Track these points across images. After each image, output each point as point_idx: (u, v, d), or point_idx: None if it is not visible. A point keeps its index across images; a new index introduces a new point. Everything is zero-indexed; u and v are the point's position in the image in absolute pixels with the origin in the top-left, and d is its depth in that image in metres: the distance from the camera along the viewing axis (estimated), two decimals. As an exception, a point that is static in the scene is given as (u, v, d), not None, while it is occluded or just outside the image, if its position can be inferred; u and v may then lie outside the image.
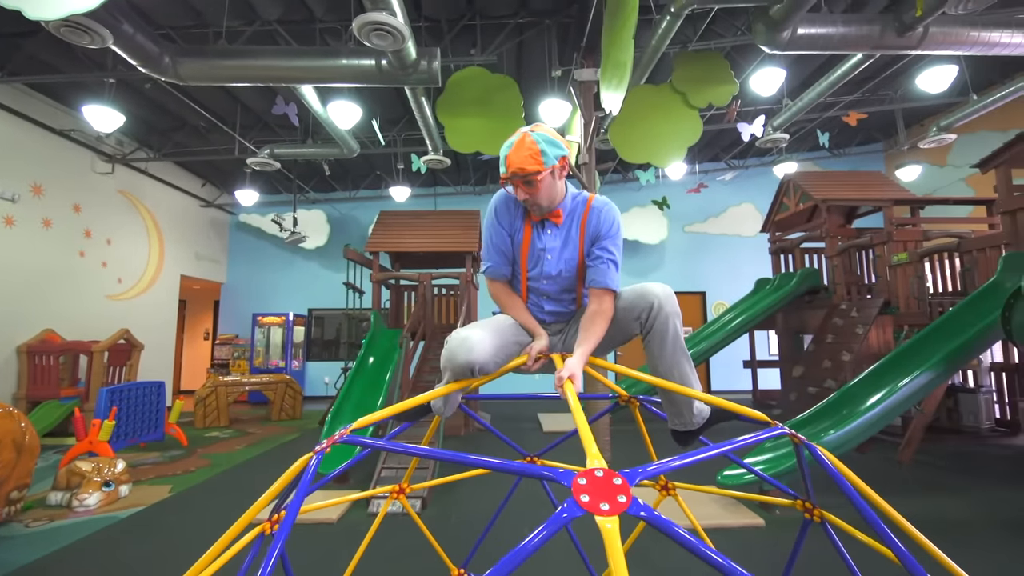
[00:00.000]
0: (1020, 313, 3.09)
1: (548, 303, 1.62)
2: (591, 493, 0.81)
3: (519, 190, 1.47)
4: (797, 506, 1.86)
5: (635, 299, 1.42)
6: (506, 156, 1.45)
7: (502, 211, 1.61)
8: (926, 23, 4.52)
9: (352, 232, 10.76)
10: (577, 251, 1.56)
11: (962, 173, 9.00)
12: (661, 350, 1.40)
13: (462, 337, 1.40)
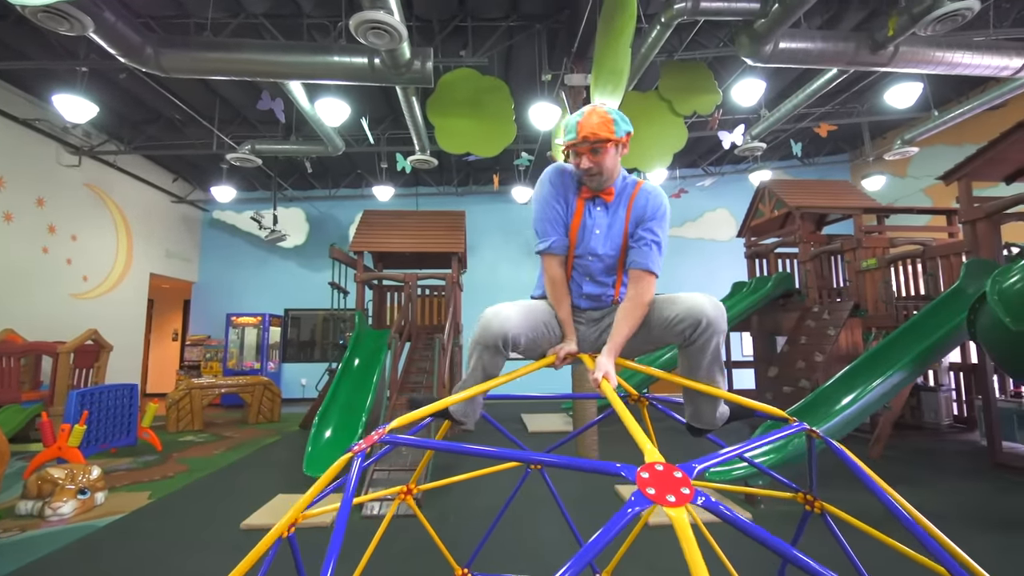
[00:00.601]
0: (984, 316, 3.31)
1: (588, 284, 1.59)
2: (656, 486, 0.85)
3: (584, 158, 1.46)
4: (798, 498, 1.95)
5: (684, 313, 1.37)
6: (577, 122, 1.46)
7: (557, 183, 1.59)
8: (897, 42, 4.79)
9: (331, 231, 10.58)
10: (622, 232, 1.55)
11: (921, 184, 9.50)
12: (699, 362, 1.43)
13: (495, 310, 1.43)
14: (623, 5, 3.51)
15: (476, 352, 1.47)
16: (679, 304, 1.39)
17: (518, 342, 1.45)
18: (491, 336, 1.41)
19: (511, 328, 1.42)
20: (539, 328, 1.54)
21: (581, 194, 1.58)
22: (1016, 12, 5.75)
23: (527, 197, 9.03)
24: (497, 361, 1.49)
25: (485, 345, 1.43)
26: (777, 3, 4.23)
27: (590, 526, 2.26)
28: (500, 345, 1.42)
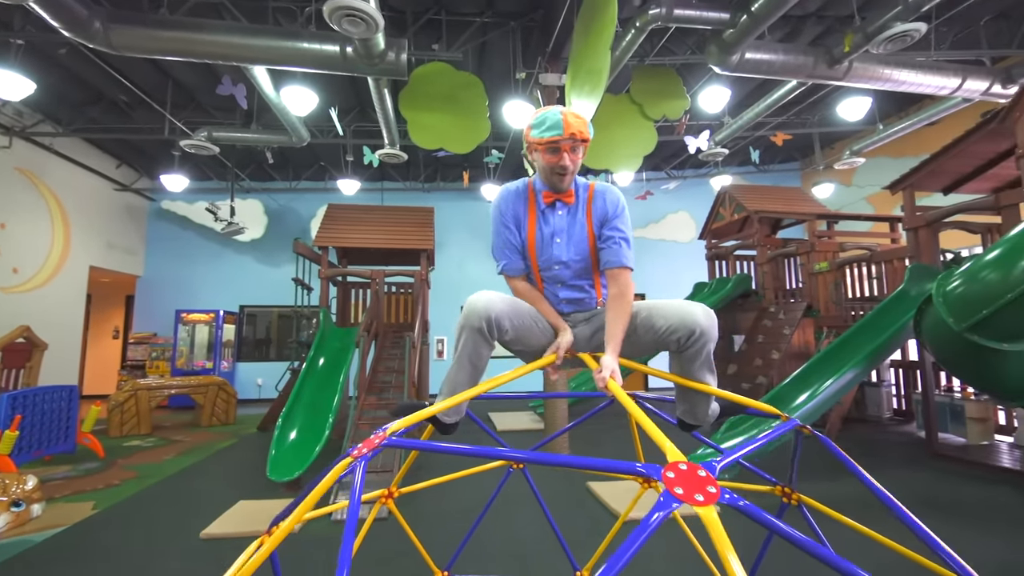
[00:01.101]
0: (930, 318, 3.56)
1: (563, 290, 1.61)
2: (683, 485, 0.86)
3: (566, 155, 1.49)
4: (776, 491, 2.03)
5: (677, 323, 1.39)
6: (561, 119, 1.46)
7: (505, 207, 1.64)
8: (851, 58, 5.08)
9: (292, 225, 10.18)
10: (587, 234, 1.58)
11: (865, 192, 10.13)
12: (691, 366, 1.46)
13: (480, 293, 1.44)
14: (604, 6, 3.54)
15: (461, 338, 1.45)
16: (672, 315, 1.41)
17: (503, 326, 1.44)
18: (475, 317, 1.40)
19: (495, 310, 1.41)
20: (525, 318, 1.54)
21: (537, 205, 1.60)
22: (953, 36, 6.21)
23: (496, 195, 9.01)
24: (482, 350, 1.47)
25: (470, 327, 1.41)
26: (745, 15, 4.39)
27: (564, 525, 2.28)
28: (484, 328, 1.40)
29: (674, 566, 2.73)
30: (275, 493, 3.93)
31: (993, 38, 6.32)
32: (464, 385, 1.50)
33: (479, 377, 1.53)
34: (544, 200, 1.60)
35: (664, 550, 2.88)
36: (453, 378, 1.50)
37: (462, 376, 1.49)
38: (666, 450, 0.96)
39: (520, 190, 1.66)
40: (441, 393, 1.55)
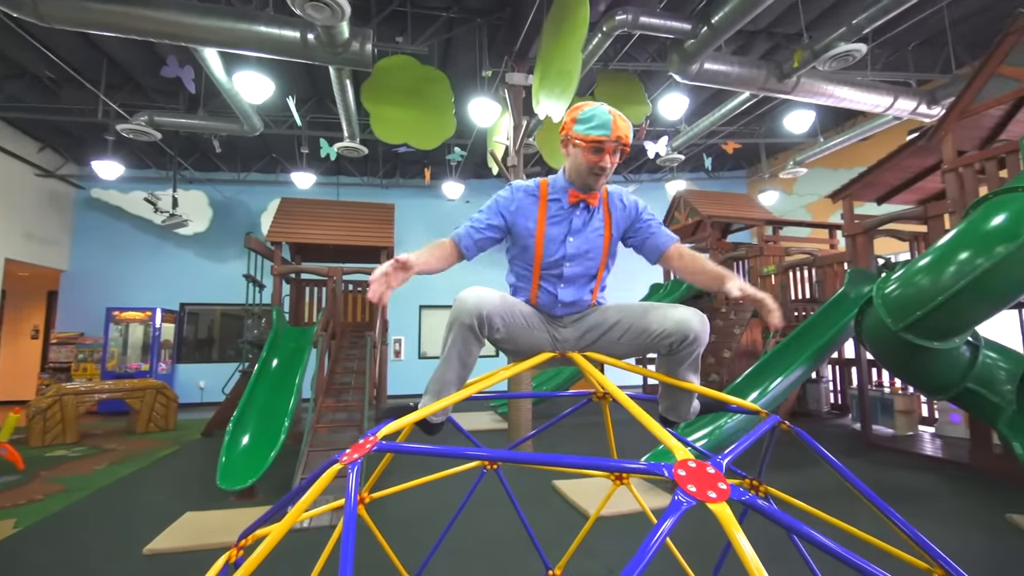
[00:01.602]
0: (870, 318, 3.83)
1: (564, 289, 1.58)
2: (695, 483, 0.86)
3: (604, 156, 1.47)
4: (745, 484, 2.11)
5: (672, 327, 1.41)
6: (612, 120, 1.44)
7: (511, 197, 1.61)
8: (799, 74, 5.39)
9: (240, 218, 9.65)
10: (603, 236, 1.60)
11: (804, 200, 10.80)
12: (679, 368, 1.48)
13: (471, 289, 1.42)
14: (575, 8, 3.58)
15: (451, 334, 1.42)
16: (668, 319, 1.42)
17: (494, 323, 1.42)
18: (467, 313, 1.37)
19: (487, 306, 1.39)
20: (517, 316, 1.51)
21: (551, 203, 1.59)
22: (886, 57, 6.73)
23: (458, 193, 8.91)
24: (472, 348, 1.44)
25: (460, 324, 1.38)
26: (706, 26, 4.57)
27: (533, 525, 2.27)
28: (476, 324, 1.38)
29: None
30: (225, 503, 3.71)
31: (919, 62, 6.90)
32: (452, 384, 1.46)
33: (468, 376, 1.49)
34: (569, 200, 1.57)
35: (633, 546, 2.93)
36: (441, 376, 1.45)
37: (451, 374, 1.45)
38: (672, 448, 0.97)
39: (532, 189, 1.63)
40: (428, 392, 1.50)
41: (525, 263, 1.63)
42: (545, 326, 1.60)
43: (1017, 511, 3.20)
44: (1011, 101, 4.17)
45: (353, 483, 1.06)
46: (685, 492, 0.85)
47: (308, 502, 1.10)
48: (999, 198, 3.39)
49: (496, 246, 1.68)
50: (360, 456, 1.12)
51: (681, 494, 0.85)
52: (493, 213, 1.63)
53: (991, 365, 3.58)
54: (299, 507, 1.09)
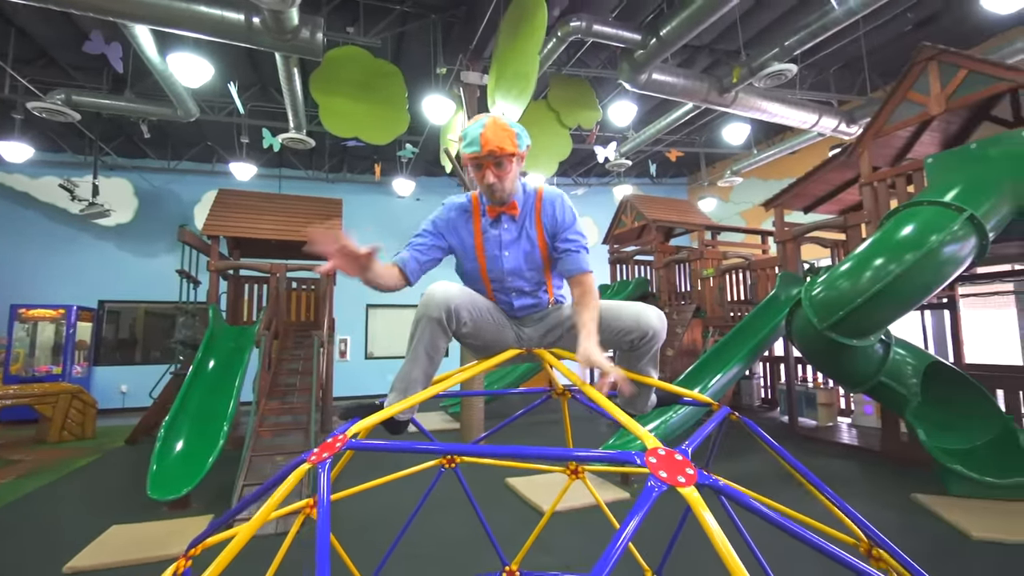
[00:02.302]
0: (798, 319, 4.15)
1: (518, 299, 1.61)
2: (666, 469, 0.92)
3: (488, 172, 1.43)
4: (693, 475, 2.23)
5: (633, 325, 1.46)
6: (480, 135, 1.40)
7: (444, 218, 1.60)
8: (738, 89, 5.75)
9: (169, 209, 8.97)
10: (537, 243, 1.57)
11: (738, 208, 11.51)
12: (638, 362, 1.55)
13: (438, 284, 1.42)
14: (533, 11, 3.63)
15: (419, 329, 1.41)
16: (628, 317, 1.47)
17: (461, 317, 1.43)
18: (435, 307, 1.38)
19: (454, 300, 1.40)
20: (483, 311, 1.53)
21: (482, 220, 1.57)
22: (811, 79, 7.30)
23: (409, 190, 8.76)
24: (439, 342, 1.44)
25: (428, 317, 1.38)
26: (655, 38, 4.77)
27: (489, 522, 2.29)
28: (443, 318, 1.39)
29: (591, 553, 2.86)
30: (157, 514, 3.45)
31: (838, 84, 7.54)
32: (419, 381, 1.45)
33: (435, 371, 1.49)
34: (489, 215, 1.56)
35: (587, 540, 3.01)
36: (408, 374, 1.44)
37: (418, 371, 1.44)
38: (643, 437, 1.02)
39: (464, 205, 1.61)
40: (394, 390, 1.48)
41: (474, 279, 1.63)
42: (510, 323, 1.63)
43: (921, 491, 3.59)
44: (917, 124, 4.66)
45: (325, 482, 1.04)
46: (656, 478, 0.90)
47: (276, 502, 1.07)
48: (908, 211, 3.78)
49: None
50: (330, 455, 1.09)
51: (653, 480, 0.90)
52: (432, 235, 1.61)
53: (900, 361, 3.99)
54: (267, 508, 1.05)
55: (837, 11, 4.38)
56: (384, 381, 9.91)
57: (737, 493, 0.94)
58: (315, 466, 1.09)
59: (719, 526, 0.83)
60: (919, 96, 4.45)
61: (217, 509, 3.51)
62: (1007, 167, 3.76)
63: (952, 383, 4.04)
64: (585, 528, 3.16)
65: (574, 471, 2.65)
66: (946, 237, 3.42)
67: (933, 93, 4.32)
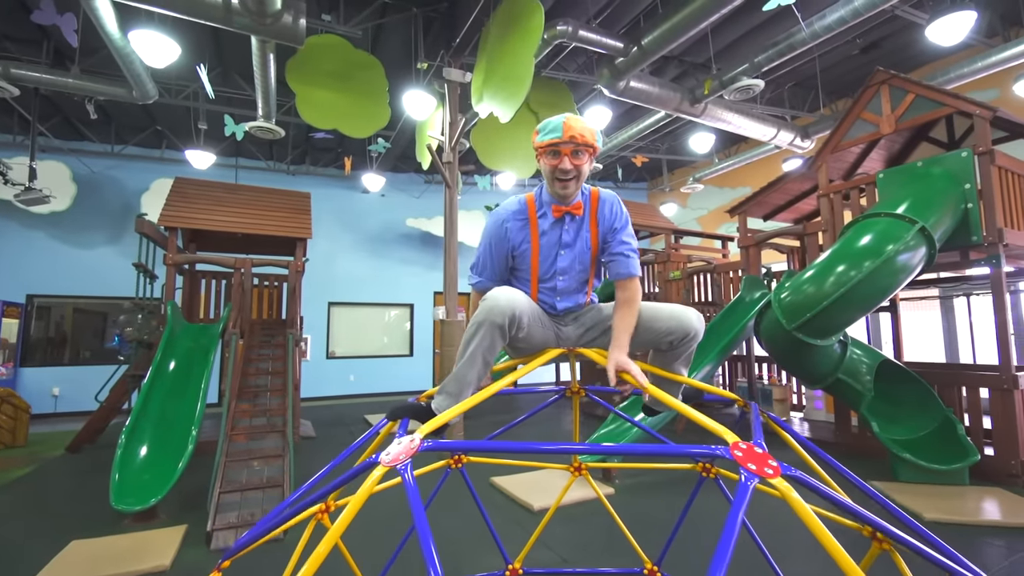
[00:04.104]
0: (767, 320, 4.41)
1: (562, 300, 1.63)
2: (753, 461, 0.97)
3: (566, 158, 1.47)
4: (697, 468, 2.34)
5: (675, 325, 1.51)
6: (563, 123, 1.46)
7: (504, 224, 1.62)
8: (708, 100, 6.02)
9: (112, 198, 8.30)
10: (590, 243, 1.60)
11: (696, 214, 12.03)
12: (674, 362, 1.61)
13: (502, 289, 1.44)
14: (529, 14, 3.65)
15: (480, 333, 1.41)
16: (668, 318, 1.52)
17: (522, 323, 1.46)
18: (499, 313, 1.38)
19: (518, 306, 1.42)
20: (536, 315, 1.57)
21: (540, 218, 1.61)
22: (769, 93, 7.76)
23: (379, 185, 8.55)
24: (496, 346, 1.45)
25: (491, 323, 1.39)
26: (636, 47, 4.92)
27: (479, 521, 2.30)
28: (506, 324, 1.40)
29: (587, 547, 2.92)
30: (118, 527, 3.21)
31: (792, 101, 8.06)
32: (473, 383, 1.45)
33: (486, 373, 1.49)
34: (554, 214, 1.59)
35: (581, 534, 3.07)
36: (463, 376, 1.43)
37: (472, 374, 1.44)
38: (724, 435, 1.07)
39: (520, 207, 1.64)
40: (445, 392, 1.46)
41: (523, 274, 1.65)
42: (551, 324, 1.66)
43: (874, 479, 3.91)
44: (868, 141, 5.06)
45: (412, 485, 1.02)
46: (747, 470, 0.95)
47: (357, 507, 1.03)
48: (866, 221, 4.10)
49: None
50: (408, 458, 1.07)
51: (744, 473, 0.95)
52: (495, 248, 1.64)
53: (856, 359, 4.32)
54: (349, 512, 1.02)
55: (804, 33, 4.69)
56: (346, 382, 9.63)
57: (817, 484, 1.00)
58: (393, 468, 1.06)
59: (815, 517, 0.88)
60: (872, 116, 4.83)
61: (187, 519, 3.30)
62: (947, 184, 4.17)
63: (898, 379, 4.43)
64: (576, 523, 3.22)
65: (577, 468, 2.71)
66: (901, 246, 3.74)
67: (884, 114, 4.71)
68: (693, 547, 2.70)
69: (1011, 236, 3.99)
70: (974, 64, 5.61)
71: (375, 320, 10.23)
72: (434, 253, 10.56)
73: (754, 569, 2.45)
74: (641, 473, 4.26)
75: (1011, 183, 4.18)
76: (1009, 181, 4.16)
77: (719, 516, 3.11)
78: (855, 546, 0.99)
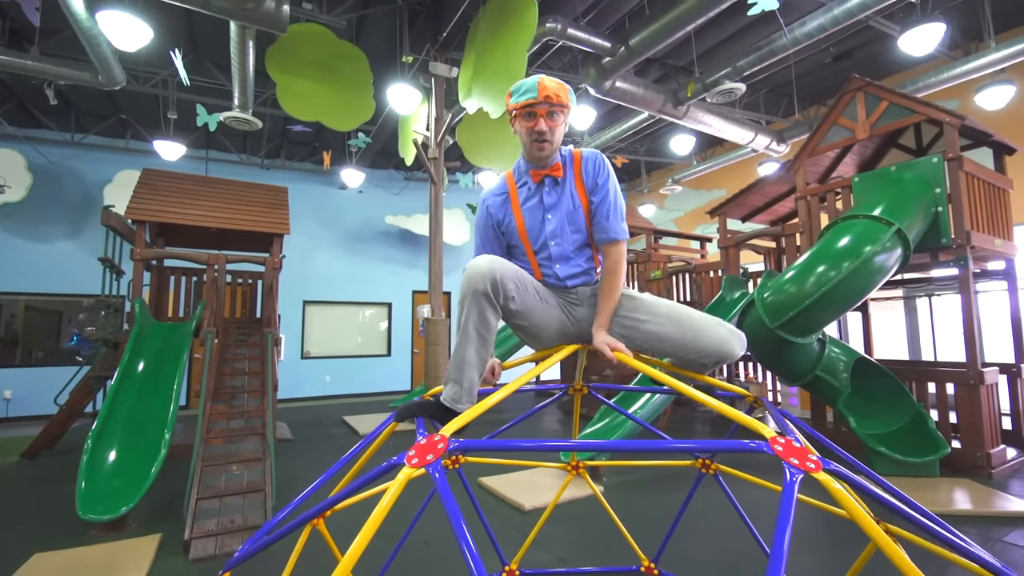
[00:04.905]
0: (750, 318, 4.49)
1: (562, 267, 1.57)
2: (795, 456, 0.96)
3: (541, 119, 1.45)
4: (697, 464, 2.35)
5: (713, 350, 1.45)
6: (537, 83, 1.44)
7: (488, 207, 1.64)
8: (690, 103, 6.12)
9: (70, 189, 7.85)
10: (580, 202, 1.55)
11: (672, 215, 12.25)
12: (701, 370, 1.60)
13: (481, 256, 1.41)
14: (522, 11, 3.61)
15: (466, 306, 1.36)
16: (711, 343, 1.46)
17: (508, 289, 1.38)
18: (479, 278, 1.33)
19: (499, 271, 1.36)
20: (529, 287, 1.49)
21: (520, 189, 1.60)
22: (746, 98, 7.95)
23: (358, 181, 8.36)
24: (489, 317, 1.37)
25: (474, 291, 1.34)
26: (624, 47, 4.95)
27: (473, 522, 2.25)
28: (489, 289, 1.34)
29: (581, 546, 2.91)
30: (84, 538, 3.01)
31: (767, 106, 8.28)
32: (473, 364, 1.37)
33: (488, 351, 1.40)
34: (533, 180, 1.57)
35: (574, 534, 3.06)
36: (461, 357, 1.36)
37: (471, 352, 1.36)
38: (760, 429, 1.06)
39: (499, 184, 1.67)
40: (450, 381, 1.40)
41: (520, 252, 1.64)
42: (559, 303, 1.59)
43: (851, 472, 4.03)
44: (843, 146, 5.23)
45: (443, 485, 0.97)
46: (791, 465, 0.94)
47: (386, 509, 0.97)
48: (845, 223, 4.23)
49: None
50: (436, 457, 1.02)
51: (788, 468, 0.93)
52: (484, 233, 1.66)
53: (834, 357, 4.45)
54: (377, 515, 0.95)
55: (785, 39, 4.80)
56: (321, 383, 9.38)
57: (854, 478, 1.00)
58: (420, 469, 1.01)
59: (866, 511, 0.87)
60: (848, 121, 4.99)
61: (161, 528, 3.13)
62: (919, 188, 4.34)
63: (871, 376, 4.59)
64: (569, 523, 3.20)
65: (575, 467, 2.69)
66: (878, 247, 3.87)
67: (860, 120, 4.88)
68: (687, 543, 2.72)
69: (977, 239, 4.19)
70: (939, 75, 5.87)
71: (352, 319, 10.01)
72: (413, 251, 10.40)
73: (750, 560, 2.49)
74: (629, 471, 4.29)
75: (977, 188, 4.39)
76: (975, 186, 4.36)
77: (711, 512, 3.15)
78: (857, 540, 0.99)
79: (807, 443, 1.00)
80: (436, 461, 1.00)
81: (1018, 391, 4.58)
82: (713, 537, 2.85)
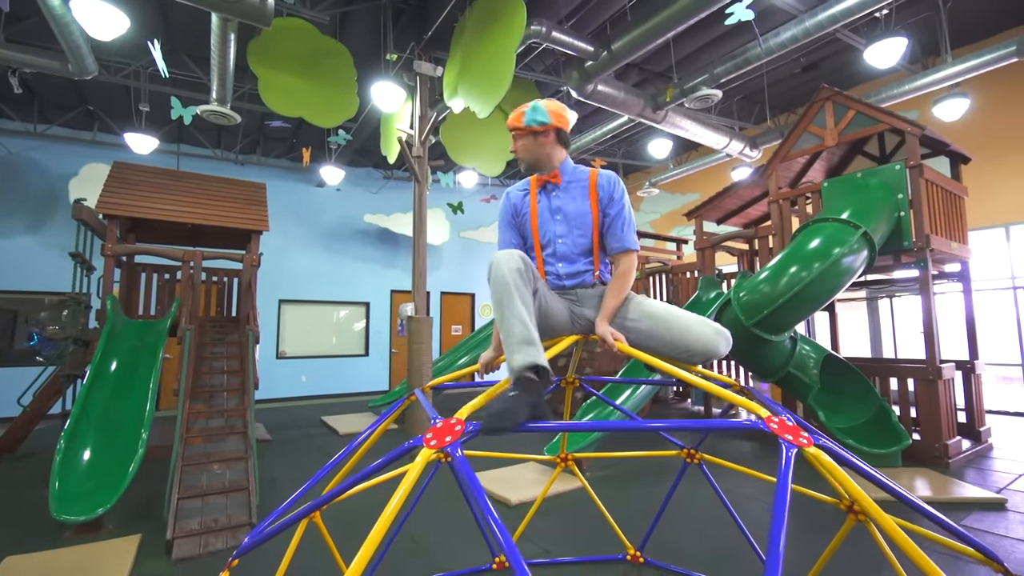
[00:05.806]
0: (727, 317, 4.65)
1: (563, 265, 1.72)
2: (789, 432, 1.04)
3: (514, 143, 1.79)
4: (682, 454, 2.45)
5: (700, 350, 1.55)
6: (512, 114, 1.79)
7: (510, 202, 1.86)
8: (669, 108, 6.28)
9: (32, 182, 7.50)
10: (590, 211, 1.72)
11: (648, 217, 12.50)
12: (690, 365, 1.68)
13: (502, 251, 1.52)
14: (511, 11, 3.66)
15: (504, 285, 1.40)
16: (699, 342, 1.56)
17: (534, 272, 1.53)
18: (512, 260, 1.43)
19: (525, 257, 1.49)
20: (538, 278, 1.57)
21: (539, 190, 1.81)
22: (720, 105, 8.20)
23: (338, 179, 8.26)
24: (526, 293, 1.43)
25: (510, 267, 1.42)
26: (606, 51, 5.06)
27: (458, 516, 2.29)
28: (523, 265, 1.45)
29: (566, 538, 2.97)
30: (56, 540, 2.92)
31: (739, 112, 8.56)
32: (526, 319, 1.37)
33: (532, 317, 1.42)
34: (537, 184, 1.81)
35: (560, 527, 3.12)
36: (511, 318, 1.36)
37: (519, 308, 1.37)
38: (756, 410, 1.13)
39: (525, 182, 1.86)
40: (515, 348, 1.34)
41: (529, 243, 1.81)
42: (563, 303, 1.71)
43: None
44: (813, 153, 5.47)
45: (464, 465, 1.00)
46: (785, 440, 1.02)
47: (407, 491, 1.00)
48: (815, 226, 4.43)
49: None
50: (454, 439, 1.06)
51: (783, 443, 1.01)
52: (505, 220, 1.85)
53: (804, 354, 4.65)
54: (402, 493, 0.99)
55: (759, 48, 5.00)
56: (297, 383, 9.21)
57: (841, 453, 1.08)
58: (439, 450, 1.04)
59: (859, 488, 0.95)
60: (817, 129, 5.23)
61: (139, 529, 3.05)
62: (884, 194, 4.59)
63: (838, 372, 4.81)
64: (553, 516, 3.26)
65: (563, 459, 2.76)
66: (846, 249, 4.08)
67: (829, 127, 5.11)
68: (670, 532, 2.81)
69: (936, 242, 4.44)
70: (901, 87, 6.19)
71: (328, 318, 9.87)
72: (392, 250, 10.33)
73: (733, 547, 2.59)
74: (611, 465, 4.38)
75: (935, 194, 4.66)
76: (934, 193, 4.63)
77: (695, 503, 3.26)
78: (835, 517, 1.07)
79: (799, 421, 1.08)
80: (456, 443, 1.04)
81: (971, 386, 4.87)
82: (697, 526, 2.95)
